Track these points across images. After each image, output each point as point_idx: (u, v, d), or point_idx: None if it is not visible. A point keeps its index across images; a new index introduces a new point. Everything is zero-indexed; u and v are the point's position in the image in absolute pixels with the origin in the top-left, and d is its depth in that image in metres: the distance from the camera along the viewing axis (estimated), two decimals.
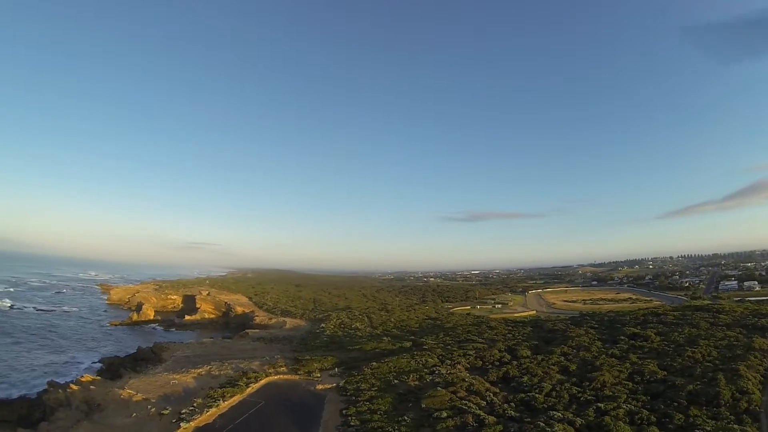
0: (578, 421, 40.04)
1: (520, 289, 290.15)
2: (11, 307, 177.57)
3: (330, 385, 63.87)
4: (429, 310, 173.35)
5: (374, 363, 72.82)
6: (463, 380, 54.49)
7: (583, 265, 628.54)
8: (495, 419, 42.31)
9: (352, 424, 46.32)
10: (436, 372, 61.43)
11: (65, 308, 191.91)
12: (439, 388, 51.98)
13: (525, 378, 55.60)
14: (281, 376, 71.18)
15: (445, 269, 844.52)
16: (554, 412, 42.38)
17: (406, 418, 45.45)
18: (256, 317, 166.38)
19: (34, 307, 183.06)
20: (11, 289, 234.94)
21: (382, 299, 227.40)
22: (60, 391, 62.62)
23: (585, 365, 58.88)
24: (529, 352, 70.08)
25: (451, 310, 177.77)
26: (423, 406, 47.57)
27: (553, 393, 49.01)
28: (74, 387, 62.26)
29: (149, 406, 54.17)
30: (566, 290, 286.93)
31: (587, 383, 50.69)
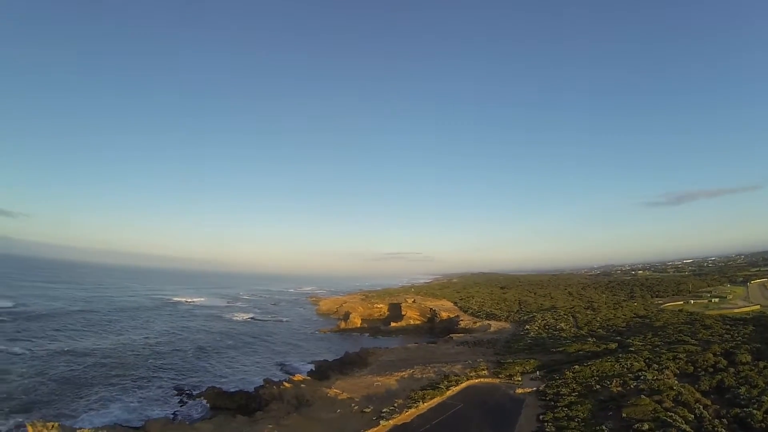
0: None
1: (741, 279, 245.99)
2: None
3: (529, 389, 62.23)
4: (637, 306, 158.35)
5: (576, 366, 69.09)
6: (671, 388, 48.63)
7: None
8: None
9: (547, 430, 44.61)
10: (642, 377, 55.91)
11: (281, 318, 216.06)
12: (642, 396, 47.18)
13: (742, 389, 47.41)
14: (482, 380, 71.03)
15: (654, 260, 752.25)
16: None
17: (604, 427, 42.16)
18: (460, 321, 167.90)
19: (252, 317, 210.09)
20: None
21: (588, 297, 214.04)
22: (274, 387, 70.85)
23: None
24: (749, 358, 59.35)
25: (661, 307, 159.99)
26: (623, 415, 43.63)
27: None
28: (287, 384, 69.83)
29: (353, 404, 58.38)
30: None
31: None
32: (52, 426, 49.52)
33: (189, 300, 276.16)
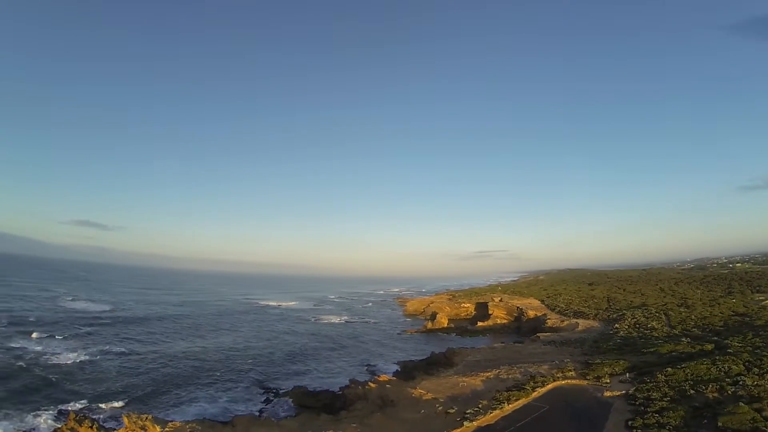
0: None
1: None
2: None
3: (618, 393, 58.62)
4: (736, 303, 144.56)
5: (669, 369, 63.93)
6: None
7: None
8: None
9: None
10: (740, 383, 50.65)
11: (368, 319, 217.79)
12: (741, 404, 42.82)
13: None
14: (568, 381, 67.91)
15: (754, 251, 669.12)
16: None
17: None
18: (547, 320, 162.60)
19: (339, 319, 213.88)
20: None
21: (681, 293, 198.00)
22: (359, 387, 71.41)
23: None
24: None
25: (762, 303, 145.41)
26: (719, 424, 39.66)
27: None
28: (372, 385, 70.19)
29: (437, 405, 57.45)
30: None
31: None
32: (146, 418, 52.85)
33: (277, 303, 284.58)
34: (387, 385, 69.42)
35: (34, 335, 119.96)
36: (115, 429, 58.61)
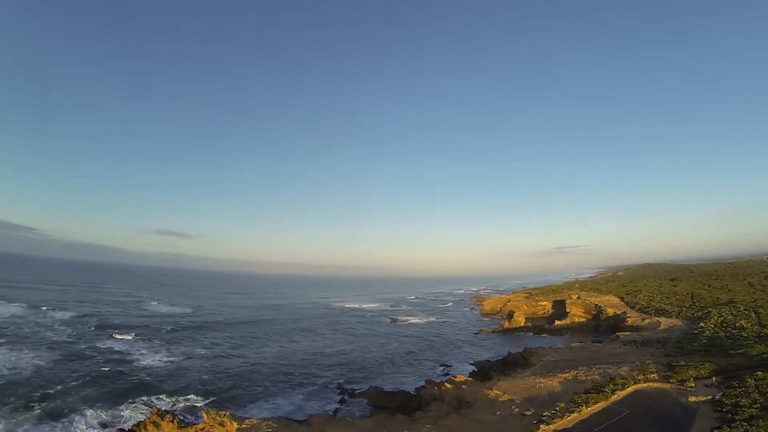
0: None
1: None
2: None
3: (704, 398, 54.93)
4: None
5: (759, 373, 59.29)
6: None
7: None
8: None
9: None
10: None
11: (445, 319, 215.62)
12: None
13: None
14: (650, 384, 64.39)
15: None
16: None
17: None
18: (627, 318, 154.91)
19: (417, 319, 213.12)
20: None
21: None
22: (435, 387, 70.95)
23: None
24: None
25: None
26: None
27: None
28: (448, 385, 69.56)
29: (513, 407, 56.30)
30: None
31: None
32: (224, 414, 55.45)
33: (356, 305, 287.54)
34: (463, 386, 68.60)
35: (121, 337, 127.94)
36: (194, 424, 61.29)
